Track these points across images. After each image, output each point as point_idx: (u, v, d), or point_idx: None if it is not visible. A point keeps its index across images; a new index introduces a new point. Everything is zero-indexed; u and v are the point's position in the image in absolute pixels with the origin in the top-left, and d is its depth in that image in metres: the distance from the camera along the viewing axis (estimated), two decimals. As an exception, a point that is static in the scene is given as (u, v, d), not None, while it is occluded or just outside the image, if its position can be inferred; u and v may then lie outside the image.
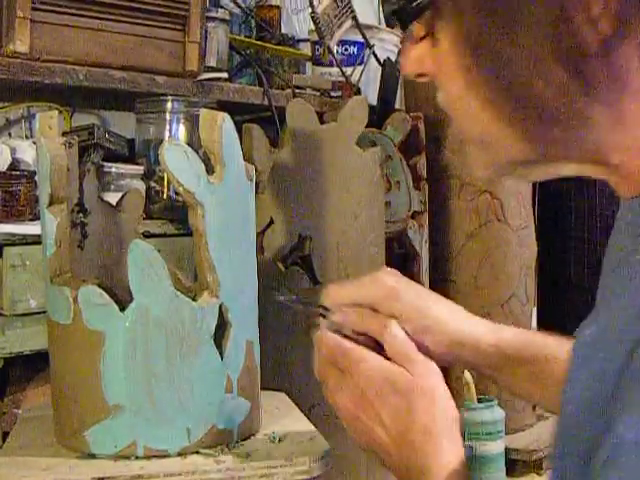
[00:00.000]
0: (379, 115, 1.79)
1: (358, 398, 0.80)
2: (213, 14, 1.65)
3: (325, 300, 0.86)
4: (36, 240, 1.22)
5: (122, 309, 0.92)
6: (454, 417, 0.79)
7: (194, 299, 0.94)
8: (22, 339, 1.28)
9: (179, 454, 0.94)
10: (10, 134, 1.58)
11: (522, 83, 0.59)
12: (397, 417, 0.78)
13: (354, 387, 0.80)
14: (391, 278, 0.87)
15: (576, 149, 0.61)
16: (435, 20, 0.62)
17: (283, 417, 1.07)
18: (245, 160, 1.01)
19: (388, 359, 0.80)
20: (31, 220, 1.32)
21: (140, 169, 1.52)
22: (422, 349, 0.81)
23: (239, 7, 1.89)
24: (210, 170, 0.95)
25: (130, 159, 1.55)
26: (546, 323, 1.96)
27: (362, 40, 1.96)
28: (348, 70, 1.93)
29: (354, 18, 1.86)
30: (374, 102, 1.89)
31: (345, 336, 0.83)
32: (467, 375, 1.61)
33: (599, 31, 0.55)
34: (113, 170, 1.49)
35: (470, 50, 0.60)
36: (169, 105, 1.53)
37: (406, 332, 0.82)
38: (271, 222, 1.41)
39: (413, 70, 0.67)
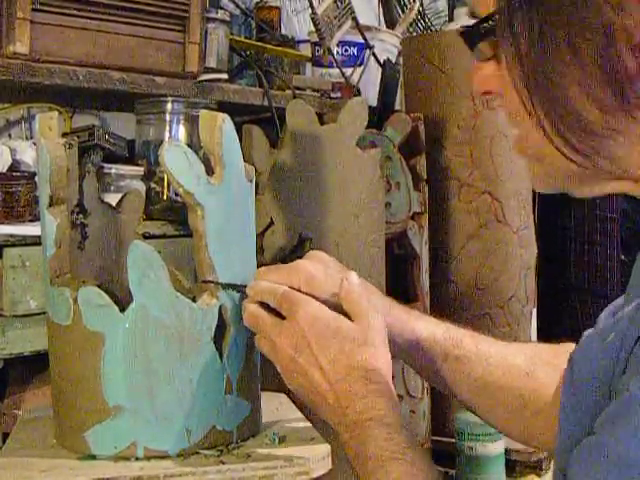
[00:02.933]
0: (379, 116, 1.79)
1: (298, 340, 0.82)
2: (213, 15, 1.65)
3: (252, 283, 0.90)
4: (36, 241, 1.22)
5: (122, 310, 0.92)
6: (390, 370, 0.81)
7: (194, 300, 0.94)
8: (22, 340, 1.28)
9: (179, 455, 0.94)
10: (10, 135, 1.59)
11: (570, 103, 0.64)
12: (337, 362, 0.80)
13: (294, 330, 0.82)
14: (311, 265, 0.89)
15: (616, 164, 0.66)
16: (497, 42, 0.67)
17: (283, 418, 1.07)
18: (245, 161, 1.01)
19: None
20: (31, 221, 1.32)
21: (140, 170, 1.52)
22: None
23: (239, 8, 1.90)
24: (210, 171, 0.95)
25: (130, 160, 1.55)
26: (546, 324, 1.96)
27: (362, 41, 1.96)
28: (348, 71, 1.94)
29: (354, 19, 1.86)
30: (374, 103, 1.89)
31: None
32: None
33: (638, 57, 0.61)
34: (113, 171, 1.49)
35: (524, 71, 0.65)
36: (169, 106, 1.53)
37: None
38: (271, 223, 1.41)
39: (480, 88, 0.72)
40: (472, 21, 0.71)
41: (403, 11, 2.48)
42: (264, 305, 0.88)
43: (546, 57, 0.64)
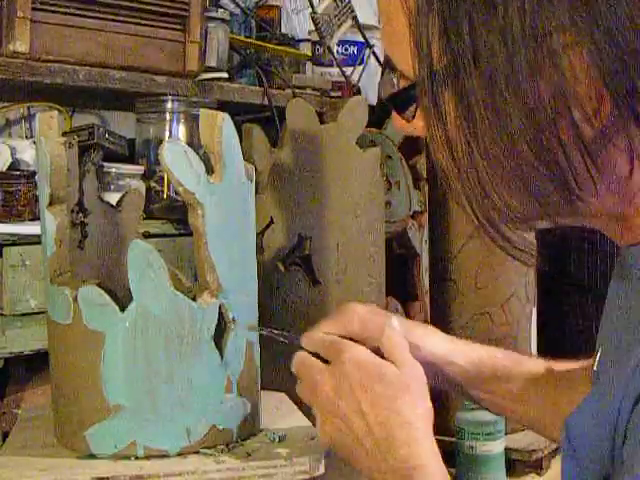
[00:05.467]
0: (379, 115, 1.79)
1: (341, 384, 0.80)
2: (213, 14, 1.64)
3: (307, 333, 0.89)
4: (36, 240, 1.22)
5: (122, 309, 0.92)
6: (431, 419, 0.80)
7: (194, 299, 0.94)
8: (22, 339, 1.28)
9: (179, 454, 0.94)
10: (10, 134, 1.58)
11: (498, 196, 0.61)
12: (378, 406, 0.79)
13: (339, 374, 0.81)
14: (360, 307, 0.89)
15: (552, 217, 0.64)
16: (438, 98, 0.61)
17: (283, 417, 1.07)
18: (245, 160, 1.01)
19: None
20: (31, 220, 1.32)
21: (140, 169, 1.52)
22: None
23: (239, 7, 1.89)
24: (210, 170, 0.95)
25: (130, 159, 1.55)
26: (546, 323, 1.96)
27: (362, 40, 1.96)
28: (348, 70, 1.93)
29: (354, 18, 1.86)
30: (374, 102, 1.88)
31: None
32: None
33: (585, 142, 0.57)
34: (113, 170, 1.49)
35: (450, 148, 0.61)
36: (169, 105, 1.53)
37: None
38: (271, 222, 1.41)
39: (406, 132, 0.69)
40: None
41: (403, 10, 2.48)
42: (315, 355, 0.87)
43: (472, 140, 0.59)
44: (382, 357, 0.82)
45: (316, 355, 0.86)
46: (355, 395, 0.79)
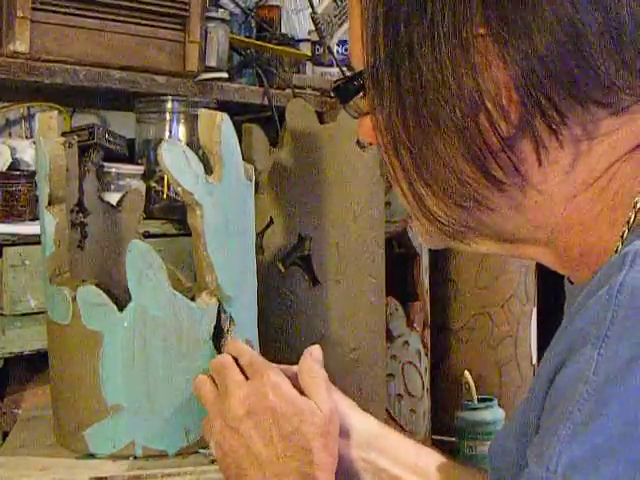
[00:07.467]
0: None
1: (254, 404, 0.76)
2: (213, 14, 1.64)
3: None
4: (36, 240, 1.22)
5: (121, 309, 0.92)
6: (335, 469, 0.76)
7: (193, 299, 0.94)
8: (22, 339, 1.28)
9: (177, 454, 0.94)
10: (10, 134, 1.59)
11: (433, 173, 0.61)
12: (289, 441, 0.75)
13: (255, 393, 0.77)
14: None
15: (485, 230, 0.64)
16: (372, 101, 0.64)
17: (282, 417, 1.07)
18: (245, 160, 1.01)
19: None
20: (31, 220, 1.32)
21: (140, 169, 1.52)
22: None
23: (239, 7, 1.89)
24: (209, 170, 0.95)
25: (130, 159, 1.55)
26: (546, 323, 1.96)
27: (362, 40, 1.96)
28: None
29: (354, 18, 1.86)
30: (374, 102, 1.88)
31: None
32: (467, 375, 1.61)
33: (500, 132, 0.58)
34: (113, 170, 1.49)
35: (391, 134, 0.63)
36: (169, 105, 1.53)
37: None
38: (271, 222, 1.40)
39: (363, 139, 0.70)
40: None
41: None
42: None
43: (409, 125, 0.61)
44: (298, 385, 0.78)
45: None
46: (268, 421, 0.76)
